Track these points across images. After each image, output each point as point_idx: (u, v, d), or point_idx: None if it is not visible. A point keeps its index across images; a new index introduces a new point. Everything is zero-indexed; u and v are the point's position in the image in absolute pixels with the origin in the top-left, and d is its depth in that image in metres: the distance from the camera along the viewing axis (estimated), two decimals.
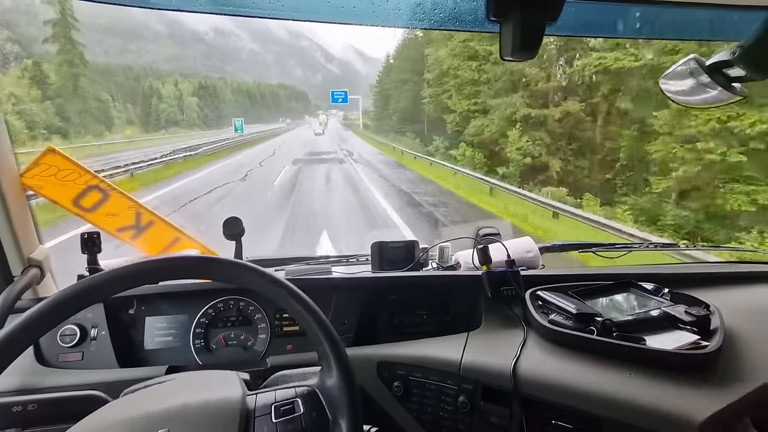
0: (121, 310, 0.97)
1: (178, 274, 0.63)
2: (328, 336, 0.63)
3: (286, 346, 1.00)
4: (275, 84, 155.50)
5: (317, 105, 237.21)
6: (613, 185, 13.79)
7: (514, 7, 1.00)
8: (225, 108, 78.61)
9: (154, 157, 14.74)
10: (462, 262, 1.22)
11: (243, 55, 76.58)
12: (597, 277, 1.07)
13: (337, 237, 6.42)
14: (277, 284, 0.63)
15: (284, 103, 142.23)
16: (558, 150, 15.88)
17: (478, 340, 0.94)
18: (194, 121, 61.60)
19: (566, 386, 0.78)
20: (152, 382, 0.65)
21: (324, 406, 0.62)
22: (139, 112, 55.71)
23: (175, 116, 58.10)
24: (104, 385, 0.83)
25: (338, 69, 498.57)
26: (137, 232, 1.07)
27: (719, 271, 1.16)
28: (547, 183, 14.50)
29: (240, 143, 26.81)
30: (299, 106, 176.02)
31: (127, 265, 0.58)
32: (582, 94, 15.53)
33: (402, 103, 30.75)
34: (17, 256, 0.92)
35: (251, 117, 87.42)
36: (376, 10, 1.05)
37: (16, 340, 0.51)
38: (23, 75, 29.90)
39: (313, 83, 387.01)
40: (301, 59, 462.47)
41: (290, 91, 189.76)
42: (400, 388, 0.93)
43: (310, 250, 5.87)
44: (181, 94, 61.15)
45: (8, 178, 0.89)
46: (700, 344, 0.81)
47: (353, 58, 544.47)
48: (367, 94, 59.44)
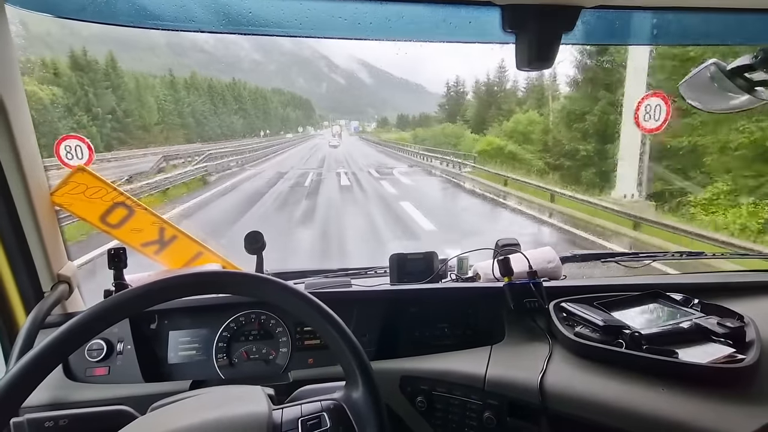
0: (145, 324, 0.99)
1: (201, 290, 0.64)
2: (352, 349, 0.62)
3: (307, 359, 1.00)
4: (266, 89, 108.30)
5: (322, 115, 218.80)
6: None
7: (529, 18, 1.01)
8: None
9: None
10: (482, 273, 1.21)
11: (245, 65, 72.37)
12: (622, 287, 1.04)
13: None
14: (301, 298, 0.63)
15: (278, 112, 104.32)
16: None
17: (502, 354, 0.92)
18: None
19: (596, 402, 0.76)
20: (179, 397, 0.65)
21: (351, 419, 0.61)
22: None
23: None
24: (131, 400, 0.84)
25: (343, 79, 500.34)
26: (161, 246, 1.09)
27: (751, 280, 1.12)
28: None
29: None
30: (300, 115, 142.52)
31: (151, 282, 0.59)
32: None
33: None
34: (47, 272, 0.95)
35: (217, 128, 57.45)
36: (393, 25, 1.07)
37: (48, 358, 0.52)
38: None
39: (318, 93, 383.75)
40: (304, 69, 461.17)
41: (287, 98, 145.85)
42: (424, 404, 0.92)
43: None
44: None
45: (40, 197, 0.92)
46: (735, 357, 0.78)
47: (357, 68, 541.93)
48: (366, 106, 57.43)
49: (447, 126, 35.97)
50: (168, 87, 49.98)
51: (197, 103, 55.86)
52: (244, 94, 72.24)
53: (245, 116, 65.94)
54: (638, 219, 7.88)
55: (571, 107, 17.49)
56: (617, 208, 8.47)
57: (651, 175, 9.92)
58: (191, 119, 52.67)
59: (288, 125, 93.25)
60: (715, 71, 1.00)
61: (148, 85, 43.29)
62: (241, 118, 65.85)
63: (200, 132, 52.92)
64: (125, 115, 34.63)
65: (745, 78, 0.97)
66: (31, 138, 0.91)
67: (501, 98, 32.41)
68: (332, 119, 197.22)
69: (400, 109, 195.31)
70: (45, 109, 21.13)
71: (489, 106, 31.40)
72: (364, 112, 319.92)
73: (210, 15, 1.03)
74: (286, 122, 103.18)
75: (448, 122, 37.92)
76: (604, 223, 8.42)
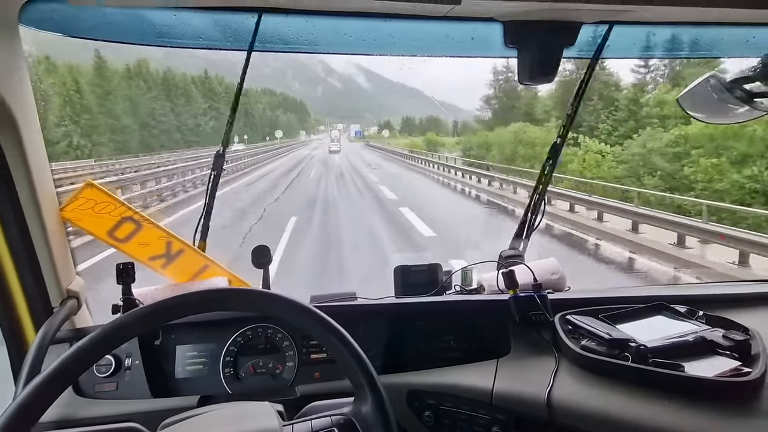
0: (153, 339, 0.99)
1: (207, 308, 0.65)
2: (359, 362, 0.63)
3: (314, 374, 1.00)
4: (255, 89, 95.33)
5: (318, 120, 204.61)
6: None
7: (531, 34, 1.03)
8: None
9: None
10: (486, 285, 1.21)
11: (237, 69, 70.32)
12: (627, 300, 1.05)
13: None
14: (307, 312, 0.64)
15: (266, 115, 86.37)
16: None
17: (508, 368, 0.93)
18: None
19: (603, 416, 0.76)
20: (188, 414, 0.66)
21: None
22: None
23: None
24: (139, 416, 0.84)
25: (340, 83, 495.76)
26: (168, 260, 1.10)
27: (755, 291, 1.12)
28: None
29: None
30: (293, 119, 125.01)
31: (161, 300, 0.60)
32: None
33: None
34: (56, 288, 0.95)
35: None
36: (396, 41, 1.09)
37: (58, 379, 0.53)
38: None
39: (314, 97, 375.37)
40: (300, 72, 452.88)
41: (279, 99, 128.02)
42: (431, 418, 0.92)
43: None
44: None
45: (50, 213, 0.93)
46: (741, 371, 0.78)
47: (355, 72, 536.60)
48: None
49: (525, 127, 23.56)
50: (96, 75, 36.20)
51: (143, 99, 41.60)
52: (219, 90, 55.66)
53: (218, 118, 48.34)
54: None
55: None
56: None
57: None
58: (130, 120, 38.23)
59: (276, 130, 71.64)
60: (715, 83, 1.01)
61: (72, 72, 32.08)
62: (213, 119, 49.32)
63: (147, 138, 39.74)
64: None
65: (744, 89, 0.98)
66: (42, 154, 0.92)
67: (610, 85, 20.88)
68: (329, 123, 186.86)
69: (400, 114, 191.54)
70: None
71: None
72: (361, 116, 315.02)
73: (218, 33, 1.06)
74: (274, 127, 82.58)
75: (518, 122, 25.28)
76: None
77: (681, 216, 7.72)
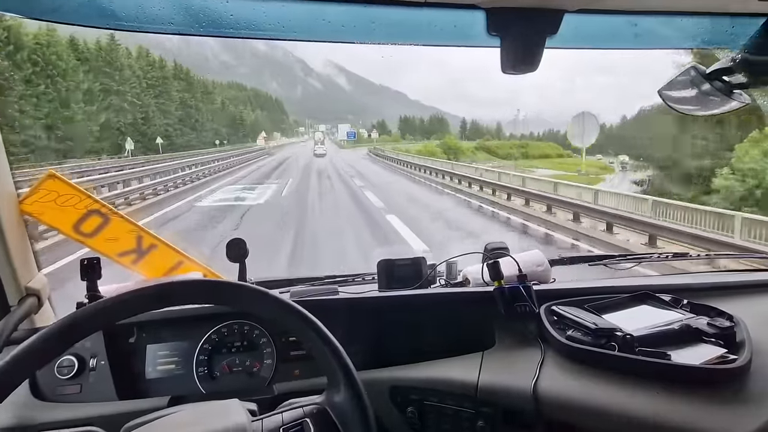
0: (121, 338, 0.94)
1: (180, 300, 0.62)
2: (331, 349, 0.61)
3: (293, 371, 0.96)
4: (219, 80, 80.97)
5: (297, 121, 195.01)
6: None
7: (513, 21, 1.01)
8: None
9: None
10: (471, 278, 1.19)
11: (213, 65, 63.65)
12: (611, 289, 1.04)
13: None
14: (273, 302, 0.62)
15: (228, 110, 67.95)
16: None
17: (493, 360, 0.90)
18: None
19: (590, 406, 0.74)
20: (151, 416, 0.62)
21: (335, 423, 0.59)
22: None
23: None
24: (103, 419, 0.79)
25: (320, 83, 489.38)
26: (138, 256, 1.05)
27: (739, 280, 1.12)
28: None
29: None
30: (264, 119, 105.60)
31: (126, 291, 0.56)
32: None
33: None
34: (14, 286, 0.89)
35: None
36: (376, 28, 1.05)
37: (9, 375, 0.49)
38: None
39: (293, 97, 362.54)
40: (278, 72, 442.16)
41: (250, 94, 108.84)
42: (415, 414, 0.89)
43: None
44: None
45: (7, 205, 0.88)
46: (727, 358, 0.77)
47: (335, 73, 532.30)
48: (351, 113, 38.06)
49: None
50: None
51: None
52: (142, 74, 38.01)
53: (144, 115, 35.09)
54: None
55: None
56: None
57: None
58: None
59: (239, 133, 59.28)
60: (695, 75, 1.01)
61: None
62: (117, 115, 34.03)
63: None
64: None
65: (724, 81, 0.98)
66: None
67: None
68: (309, 125, 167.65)
69: (383, 116, 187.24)
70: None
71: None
72: (343, 118, 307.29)
73: (189, 18, 1.01)
74: (239, 128, 68.32)
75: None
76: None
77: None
